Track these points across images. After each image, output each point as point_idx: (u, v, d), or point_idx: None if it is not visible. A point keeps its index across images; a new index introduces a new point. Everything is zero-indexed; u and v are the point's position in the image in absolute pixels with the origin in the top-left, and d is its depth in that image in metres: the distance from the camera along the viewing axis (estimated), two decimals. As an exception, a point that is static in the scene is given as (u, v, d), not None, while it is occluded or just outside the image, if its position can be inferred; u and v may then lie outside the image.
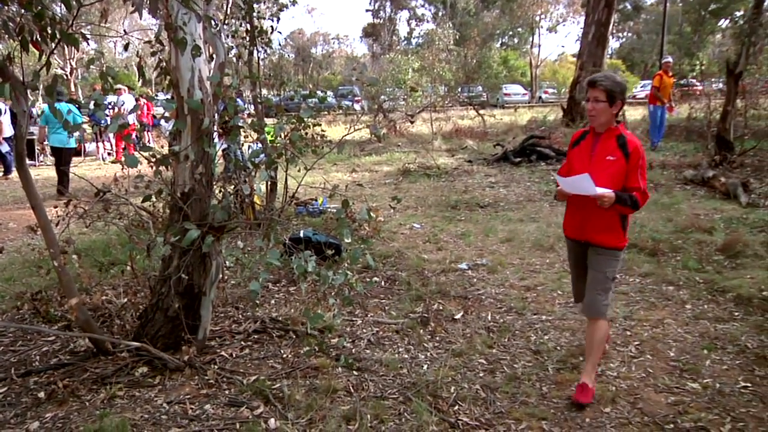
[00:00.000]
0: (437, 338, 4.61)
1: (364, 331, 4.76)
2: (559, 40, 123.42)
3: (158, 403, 3.67)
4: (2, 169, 14.46)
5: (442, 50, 24.70)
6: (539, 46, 52.70)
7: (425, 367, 4.14)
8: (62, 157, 11.39)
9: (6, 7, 3.40)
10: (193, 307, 4.19)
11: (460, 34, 30.69)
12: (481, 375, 4.03)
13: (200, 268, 4.14)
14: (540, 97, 42.28)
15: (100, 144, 17.08)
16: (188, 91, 3.98)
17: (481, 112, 21.42)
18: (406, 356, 4.32)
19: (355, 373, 4.05)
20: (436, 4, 50.74)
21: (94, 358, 4.23)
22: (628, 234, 3.74)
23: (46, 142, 11.87)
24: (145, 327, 4.19)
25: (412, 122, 17.76)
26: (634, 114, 20.28)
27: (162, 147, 11.88)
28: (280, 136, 4.51)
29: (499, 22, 46.96)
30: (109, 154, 16.78)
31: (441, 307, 5.20)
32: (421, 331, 4.73)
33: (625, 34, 59.18)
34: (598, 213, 3.60)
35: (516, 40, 53.72)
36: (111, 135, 16.47)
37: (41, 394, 3.80)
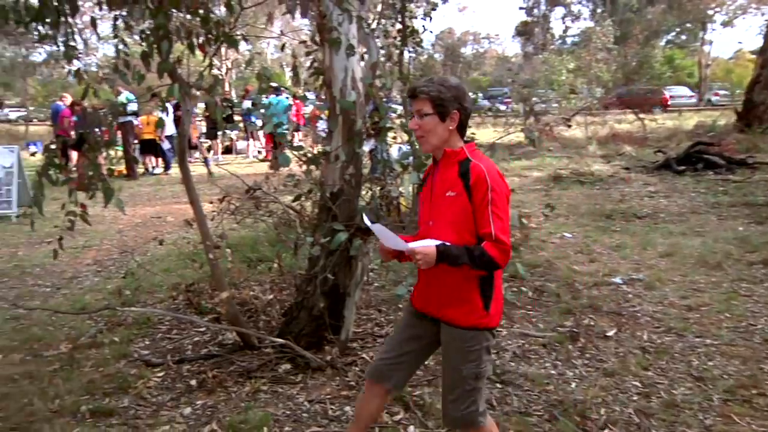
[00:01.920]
0: (587, 355, 4.36)
1: (510, 342, 4.59)
2: (736, 36, 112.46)
3: (299, 401, 3.76)
4: (163, 165, 15.74)
5: (599, 49, 23.59)
6: (710, 43, 48.38)
7: (573, 385, 3.93)
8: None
9: (177, 14, 3.63)
10: (336, 307, 4.24)
11: (620, 31, 29.18)
12: (634, 398, 3.75)
13: (346, 269, 4.18)
14: (709, 100, 39.31)
15: (251, 142, 17.97)
16: (341, 92, 4.03)
17: (641, 116, 20.25)
18: (553, 372, 4.12)
19: (498, 385, 3.92)
20: (595, 0, 48.56)
21: (241, 352, 4.42)
22: None
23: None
24: (289, 324, 4.31)
25: (569, 126, 17.08)
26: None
27: (311, 147, 12.40)
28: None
29: (664, 18, 43.94)
30: (259, 152, 17.62)
31: (592, 323, 4.92)
32: (570, 346, 4.49)
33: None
34: (444, 276, 2.54)
35: (683, 37, 50.06)
36: (261, 134, 17.31)
37: (193, 382, 4.04)
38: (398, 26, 6.92)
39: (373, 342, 4.57)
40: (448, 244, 2.45)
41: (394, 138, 6.64)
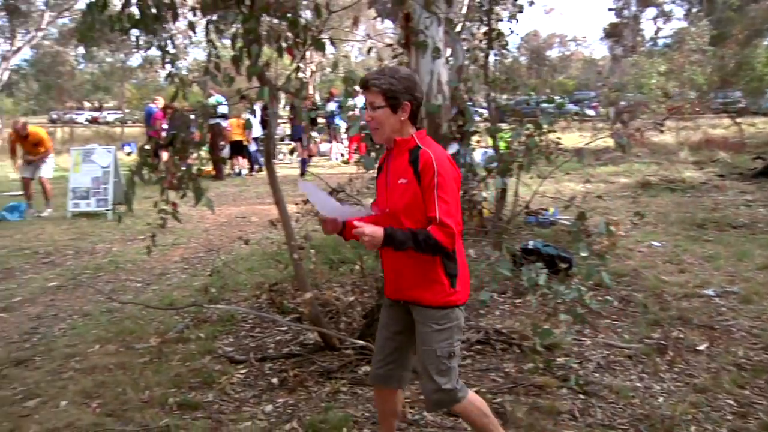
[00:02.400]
0: (676, 369, 4.18)
1: (593, 353, 4.46)
2: None
3: (380, 403, 3.76)
4: (248, 167, 16.16)
5: (694, 51, 22.57)
6: (826, 38, 44.50)
7: (660, 399, 3.77)
8: None
9: (266, 18, 3.72)
10: (417, 311, 4.22)
11: (718, 31, 27.75)
12: (729, 417, 3.55)
13: (427, 272, 4.15)
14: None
15: (334, 145, 18.17)
16: (426, 95, 4.02)
17: (738, 120, 19.26)
18: (639, 385, 3.97)
19: (581, 396, 3.81)
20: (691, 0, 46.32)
21: (321, 352, 4.48)
22: None
23: None
24: (370, 326, 4.31)
25: (661, 131, 16.42)
26: None
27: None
28: (517, 142, 4.39)
29: (770, 15, 41.21)
30: (342, 154, 17.81)
31: (681, 336, 4.70)
32: (658, 359, 4.31)
33: None
34: (405, 260, 2.63)
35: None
36: (345, 136, 17.48)
37: (274, 380, 4.13)
38: (484, 29, 6.87)
39: (452, 347, 4.53)
40: (394, 228, 2.53)
41: (479, 142, 6.60)
